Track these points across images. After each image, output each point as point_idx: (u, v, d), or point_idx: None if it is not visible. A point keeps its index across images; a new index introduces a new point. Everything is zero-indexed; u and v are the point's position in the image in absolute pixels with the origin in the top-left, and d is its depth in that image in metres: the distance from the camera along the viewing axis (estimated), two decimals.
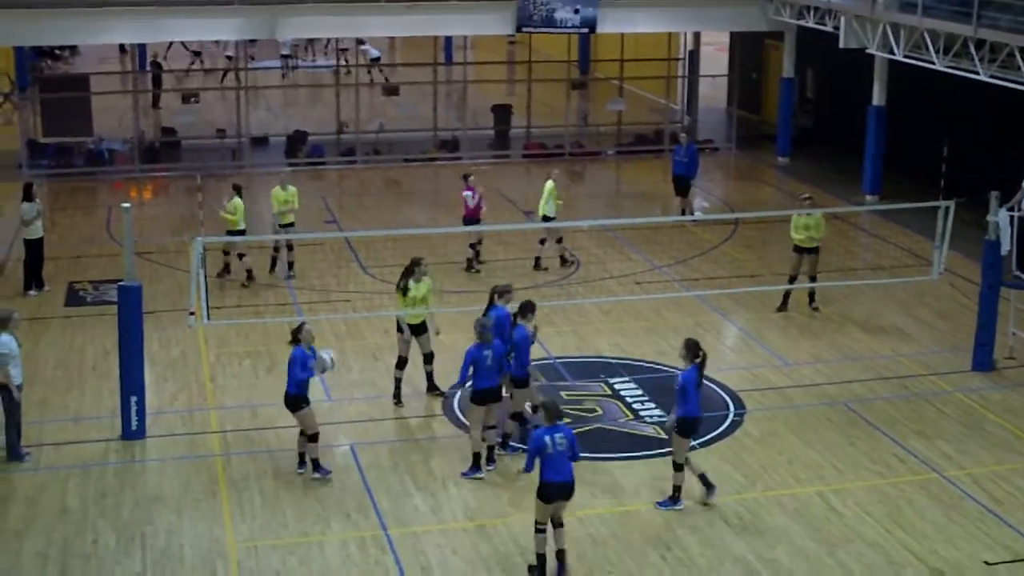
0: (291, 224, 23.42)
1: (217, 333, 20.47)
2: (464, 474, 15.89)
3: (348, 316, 21.48)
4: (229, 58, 43.07)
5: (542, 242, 24.14)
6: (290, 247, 23.43)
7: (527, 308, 16.23)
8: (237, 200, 22.68)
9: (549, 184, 23.98)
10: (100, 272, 23.78)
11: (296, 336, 15.69)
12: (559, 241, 24.21)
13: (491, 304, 16.79)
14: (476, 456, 15.87)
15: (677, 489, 15.12)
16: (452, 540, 14.40)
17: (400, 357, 18.05)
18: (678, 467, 15.02)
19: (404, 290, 17.76)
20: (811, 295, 21.95)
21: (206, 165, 31.80)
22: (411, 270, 17.75)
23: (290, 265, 23.56)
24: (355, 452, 16.46)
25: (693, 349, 14.73)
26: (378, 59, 40.08)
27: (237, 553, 14.11)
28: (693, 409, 14.76)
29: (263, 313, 21.64)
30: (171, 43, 48.42)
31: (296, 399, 15.61)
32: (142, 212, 28.08)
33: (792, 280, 21.78)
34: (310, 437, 15.76)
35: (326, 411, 17.74)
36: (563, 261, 24.36)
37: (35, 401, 17.88)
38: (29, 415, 17.15)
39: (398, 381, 18.10)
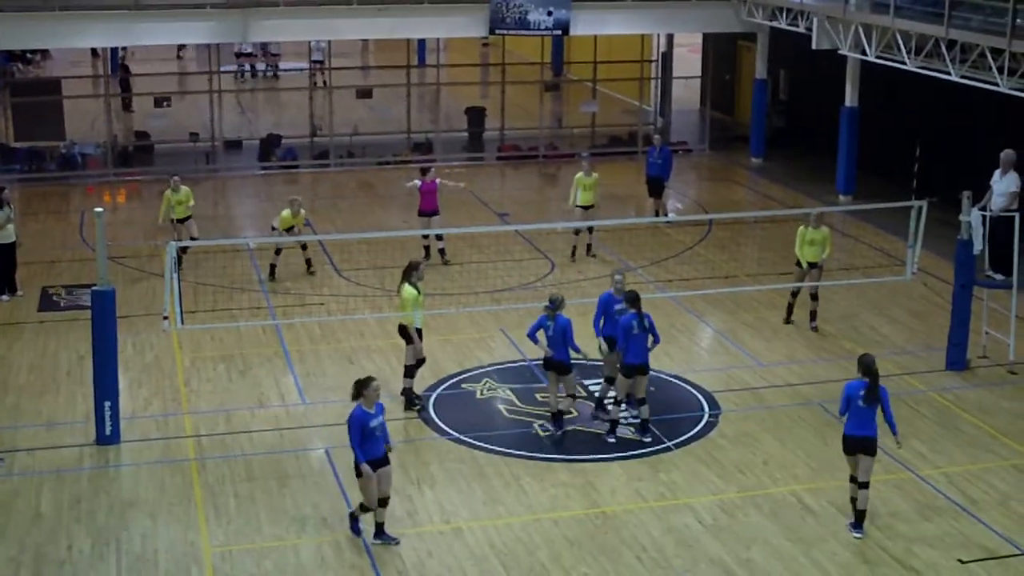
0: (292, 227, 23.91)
1: (191, 337, 20.39)
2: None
3: (323, 319, 21.43)
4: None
5: (589, 231, 25.08)
6: (304, 247, 23.87)
7: (634, 299, 16.72)
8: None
9: (578, 175, 24.82)
10: (73, 277, 23.67)
11: (361, 391, 13.85)
12: (590, 231, 25.03)
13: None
14: (554, 415, 17.25)
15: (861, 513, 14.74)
16: (428, 543, 14.37)
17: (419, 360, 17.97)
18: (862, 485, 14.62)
19: (417, 290, 17.45)
20: (812, 314, 21.20)
21: (179, 169, 31.66)
22: (410, 273, 17.42)
23: (308, 262, 23.95)
24: (330, 456, 16.39)
25: (867, 366, 14.20)
26: (320, 62, 40.19)
27: (212, 557, 14.05)
28: (850, 426, 14.27)
29: (237, 317, 21.56)
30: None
31: (357, 466, 14.02)
32: (115, 216, 27.95)
33: (794, 293, 21.23)
34: (361, 506, 14.40)
35: (301, 414, 17.73)
36: (587, 250, 25.14)
37: (8, 406, 17.80)
38: (2, 420, 17.05)
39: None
